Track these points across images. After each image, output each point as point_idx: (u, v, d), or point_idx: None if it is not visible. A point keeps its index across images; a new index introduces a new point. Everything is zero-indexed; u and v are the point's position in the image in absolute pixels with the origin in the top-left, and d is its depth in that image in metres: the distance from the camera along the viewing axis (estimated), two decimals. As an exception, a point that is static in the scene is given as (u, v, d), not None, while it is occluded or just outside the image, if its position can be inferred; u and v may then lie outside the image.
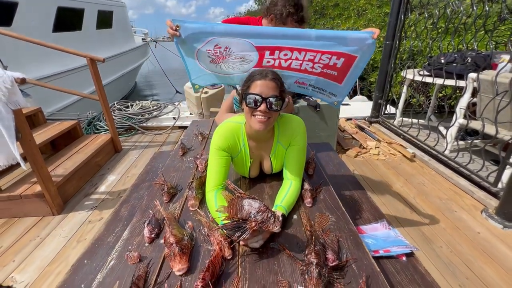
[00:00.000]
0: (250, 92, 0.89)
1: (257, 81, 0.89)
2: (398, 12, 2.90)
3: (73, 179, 2.31)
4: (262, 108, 0.88)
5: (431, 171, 2.47)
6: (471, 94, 2.28)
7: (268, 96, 0.88)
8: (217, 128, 1.04)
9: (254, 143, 1.05)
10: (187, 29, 1.13)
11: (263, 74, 0.90)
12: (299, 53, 1.22)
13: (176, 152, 1.52)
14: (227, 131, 1.01)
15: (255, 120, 0.91)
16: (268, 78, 0.89)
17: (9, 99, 1.63)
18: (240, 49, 1.19)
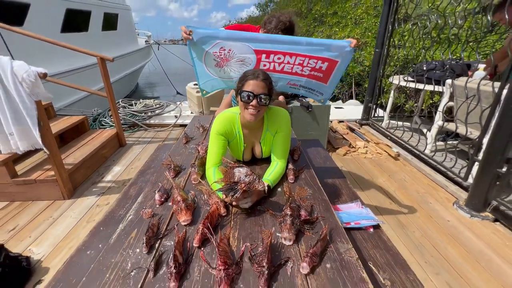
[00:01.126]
0: (244, 90, 1.10)
1: (250, 80, 1.10)
2: (387, 22, 3.14)
3: (82, 168, 2.50)
4: (253, 103, 1.09)
5: (412, 168, 2.68)
6: (448, 98, 2.50)
7: (259, 93, 1.09)
8: (217, 116, 1.24)
9: (247, 131, 1.25)
10: (198, 34, 1.36)
11: (255, 75, 1.11)
12: (290, 57, 1.44)
13: (180, 141, 1.72)
14: (225, 119, 1.22)
15: (247, 112, 1.12)
16: (259, 78, 1.10)
17: (32, 91, 1.83)
18: (241, 51, 1.42)
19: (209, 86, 1.72)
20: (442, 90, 2.56)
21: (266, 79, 1.12)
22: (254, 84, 1.09)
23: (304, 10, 12.55)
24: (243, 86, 1.12)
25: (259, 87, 1.10)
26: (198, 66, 1.53)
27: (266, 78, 1.12)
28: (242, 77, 1.15)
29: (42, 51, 4.91)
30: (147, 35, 12.35)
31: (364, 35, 7.93)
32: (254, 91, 1.09)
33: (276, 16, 1.63)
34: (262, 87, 1.10)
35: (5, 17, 4.20)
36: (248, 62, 1.47)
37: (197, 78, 1.66)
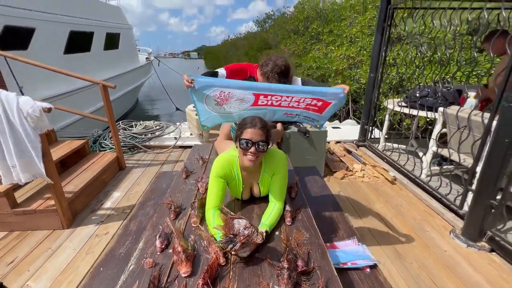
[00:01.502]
0: (242, 138, 1.16)
1: (248, 128, 1.16)
2: (380, 49, 3.27)
3: (82, 195, 2.52)
4: (252, 150, 1.15)
5: (409, 193, 2.71)
6: (441, 125, 2.57)
7: (257, 141, 1.15)
8: (217, 158, 1.29)
9: (246, 173, 1.30)
10: (199, 82, 1.43)
11: (253, 123, 1.17)
12: (287, 97, 1.52)
13: (180, 175, 1.76)
14: (224, 162, 1.27)
15: (246, 158, 1.17)
16: (257, 126, 1.16)
17: (37, 125, 1.89)
18: (240, 93, 1.50)
19: (209, 122, 1.79)
20: (435, 116, 2.63)
21: (264, 127, 1.18)
22: (252, 132, 1.15)
23: (301, 28, 12.93)
24: (241, 133, 1.17)
25: (257, 135, 1.15)
26: (199, 106, 1.60)
27: (263, 126, 1.18)
28: (240, 125, 1.21)
29: (45, 72, 5.02)
30: (148, 52, 12.61)
31: (359, 53, 8.15)
32: (252, 139, 1.14)
33: (272, 60, 1.71)
34: (260, 134, 1.16)
35: (10, 42, 4.34)
36: (246, 100, 1.54)
37: (198, 115, 1.73)
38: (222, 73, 1.81)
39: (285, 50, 12.43)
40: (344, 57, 8.29)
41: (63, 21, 5.54)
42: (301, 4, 13.92)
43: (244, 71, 1.92)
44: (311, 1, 13.17)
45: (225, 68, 1.85)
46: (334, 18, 11.49)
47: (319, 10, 12.51)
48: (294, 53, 11.90)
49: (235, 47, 26.87)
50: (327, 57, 9.19)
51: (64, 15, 5.56)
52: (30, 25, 4.65)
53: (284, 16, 17.84)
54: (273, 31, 16.03)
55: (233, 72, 1.86)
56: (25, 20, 4.57)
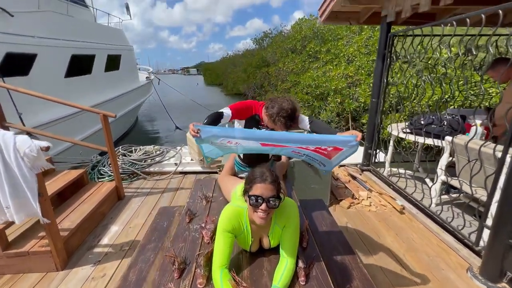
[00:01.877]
0: (252, 194, 1.09)
1: (258, 184, 1.09)
2: (381, 76, 3.27)
3: (78, 232, 2.40)
4: (263, 208, 1.07)
5: (419, 224, 2.62)
6: (449, 154, 2.52)
7: (267, 197, 1.08)
8: (224, 210, 1.21)
9: (255, 226, 1.22)
10: (205, 132, 1.39)
11: (263, 177, 1.10)
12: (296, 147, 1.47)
13: (182, 216, 1.67)
14: (232, 215, 1.19)
15: (257, 215, 1.09)
16: (267, 181, 1.09)
17: (34, 165, 1.81)
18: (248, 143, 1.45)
19: (213, 154, 1.74)
20: (442, 145, 2.58)
21: (275, 181, 1.11)
22: (262, 187, 1.08)
23: (298, 47, 13.22)
24: (251, 188, 1.10)
25: (267, 190, 1.08)
26: (203, 145, 1.55)
27: (274, 180, 1.11)
28: (249, 179, 1.14)
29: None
30: (148, 71, 12.75)
31: (357, 72, 8.28)
32: (263, 195, 1.07)
33: (278, 102, 1.68)
34: (271, 189, 1.09)
35: (11, 68, 4.34)
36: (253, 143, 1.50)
37: (202, 150, 1.67)
38: (228, 114, 1.77)
39: (283, 68, 12.64)
40: (343, 76, 8.41)
41: (65, 46, 5.60)
42: (298, 24, 14.32)
43: (249, 109, 1.88)
44: (308, 22, 13.54)
45: (230, 108, 1.80)
46: (331, 37, 11.78)
47: (316, 30, 12.85)
48: (292, 71, 12.09)
49: (234, 64, 27.38)
50: (325, 75, 9.32)
51: (66, 40, 5.63)
52: (32, 51, 4.68)
53: (281, 34, 18.31)
54: (271, 50, 16.37)
55: (238, 112, 1.82)
56: (27, 47, 4.60)
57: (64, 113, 5.22)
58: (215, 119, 1.70)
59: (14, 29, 4.35)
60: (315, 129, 1.77)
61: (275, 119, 1.66)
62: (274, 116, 1.65)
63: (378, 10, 3.38)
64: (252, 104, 1.89)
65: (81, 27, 6.39)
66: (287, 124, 1.67)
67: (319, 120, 1.85)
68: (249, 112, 1.88)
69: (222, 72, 32.69)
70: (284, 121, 1.65)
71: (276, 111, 1.64)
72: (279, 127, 1.70)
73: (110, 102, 7.13)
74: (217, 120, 1.70)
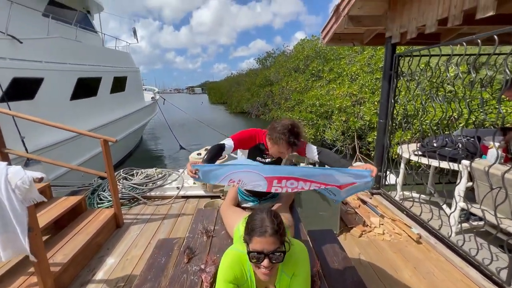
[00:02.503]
0: (252, 250, 0.96)
1: (257, 237, 0.96)
2: (388, 96, 3.19)
3: (71, 266, 2.25)
4: (265, 264, 0.94)
5: (439, 256, 2.40)
6: (467, 179, 2.36)
7: (269, 251, 0.94)
8: (224, 256, 1.07)
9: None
10: (204, 173, 1.30)
11: (263, 230, 0.96)
12: (304, 183, 1.34)
13: (181, 257, 1.52)
14: (234, 262, 1.05)
15: (260, 272, 0.96)
16: (267, 233, 0.95)
17: (25, 197, 1.71)
18: (251, 179, 1.33)
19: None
20: (459, 169, 2.43)
21: (277, 231, 0.97)
22: (262, 241, 0.95)
23: (301, 66, 13.42)
24: (250, 241, 0.97)
25: (269, 244, 0.95)
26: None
27: (276, 230, 0.97)
28: (248, 230, 1.01)
29: (50, 120, 5.02)
30: (154, 91, 12.96)
31: (361, 90, 8.27)
32: (264, 250, 0.94)
33: (279, 123, 1.62)
34: (273, 242, 0.95)
35: (17, 93, 4.39)
36: (258, 186, 1.38)
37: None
38: (230, 145, 1.67)
39: (286, 87, 12.76)
40: (347, 94, 8.39)
41: (72, 70, 5.71)
42: (300, 44, 14.65)
43: (253, 139, 1.78)
44: (310, 42, 13.84)
45: (232, 138, 1.70)
46: (333, 57, 11.95)
47: (318, 50, 13.09)
48: (295, 90, 12.18)
49: (237, 83, 27.90)
50: (329, 94, 9.32)
51: (73, 64, 5.75)
52: (38, 75, 4.76)
53: (284, 54, 18.72)
54: (274, 69, 16.67)
55: (241, 142, 1.73)
56: (34, 71, 4.68)
57: (68, 135, 5.22)
58: (217, 153, 1.58)
59: (22, 55, 4.45)
60: (324, 160, 1.65)
61: (277, 137, 1.57)
62: (277, 134, 1.57)
63: (382, 31, 3.37)
64: (255, 132, 1.80)
65: (88, 51, 6.56)
66: (290, 140, 1.56)
67: (328, 151, 1.71)
68: (253, 142, 1.78)
69: (227, 91, 33.28)
70: (287, 137, 1.55)
71: (278, 129, 1.57)
72: (282, 146, 1.58)
73: (114, 123, 7.17)
74: (218, 153, 1.59)
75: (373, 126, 7.49)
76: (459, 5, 2.05)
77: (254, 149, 1.80)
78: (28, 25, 5.31)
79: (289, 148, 1.59)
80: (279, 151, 1.65)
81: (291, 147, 1.59)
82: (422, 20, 2.49)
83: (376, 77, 8.44)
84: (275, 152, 1.70)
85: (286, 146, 1.57)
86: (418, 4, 2.54)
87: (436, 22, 2.33)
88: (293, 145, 1.58)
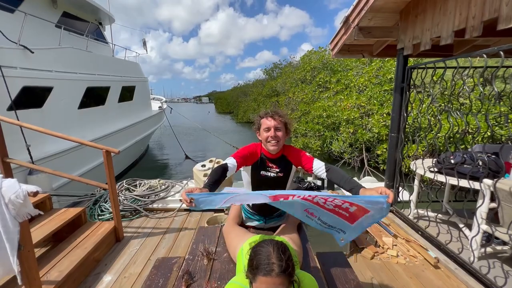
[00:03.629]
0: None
1: (262, 276, 0.84)
2: (400, 109, 3.06)
3: (65, 285, 2.13)
4: None
5: (460, 284, 2.20)
6: (489, 200, 2.18)
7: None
8: (226, 289, 0.95)
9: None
10: (199, 201, 1.23)
11: (269, 269, 0.85)
12: (311, 198, 1.22)
13: (179, 283, 1.40)
14: (236, 297, 0.92)
15: None
16: (274, 273, 0.84)
17: (18, 212, 1.63)
18: (256, 199, 1.23)
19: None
20: (480, 188, 2.25)
21: (285, 270, 0.85)
22: (268, 282, 0.83)
23: (308, 78, 13.40)
24: (254, 280, 0.85)
25: (275, 285, 0.83)
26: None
27: (284, 269, 0.85)
28: (251, 267, 0.89)
29: (57, 128, 5.05)
30: (161, 101, 13.08)
31: (369, 102, 8.12)
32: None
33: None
34: (280, 283, 0.84)
35: (26, 101, 4.42)
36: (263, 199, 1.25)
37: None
38: (233, 164, 1.58)
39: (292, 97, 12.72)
40: (355, 106, 8.26)
41: (81, 79, 5.78)
42: (307, 56, 14.70)
43: (254, 153, 1.72)
44: (317, 54, 13.88)
45: (234, 157, 1.62)
46: (341, 68, 11.90)
47: (325, 61, 13.09)
48: (302, 101, 12.11)
49: (244, 94, 28.09)
50: (336, 105, 9.21)
51: (82, 73, 5.82)
52: (48, 84, 4.81)
53: (291, 65, 18.81)
54: (281, 80, 16.71)
55: (243, 158, 1.65)
56: (44, 81, 4.73)
57: (75, 143, 5.20)
58: (221, 175, 1.47)
59: (33, 64, 4.51)
60: (333, 178, 1.53)
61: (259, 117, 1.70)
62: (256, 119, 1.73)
63: (393, 43, 3.28)
64: (255, 145, 1.75)
65: (98, 61, 6.66)
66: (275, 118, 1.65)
67: (337, 168, 1.59)
68: (255, 156, 1.71)
69: (233, 101, 33.54)
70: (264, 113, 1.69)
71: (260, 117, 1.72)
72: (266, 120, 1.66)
73: (121, 132, 7.18)
74: (222, 175, 1.48)
75: (381, 138, 7.30)
76: (478, 16, 1.94)
77: (256, 164, 1.71)
78: (41, 35, 5.43)
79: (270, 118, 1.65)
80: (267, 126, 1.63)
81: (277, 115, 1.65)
82: (437, 31, 2.39)
83: (384, 88, 8.31)
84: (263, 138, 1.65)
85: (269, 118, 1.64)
86: (432, 15, 2.44)
87: (453, 34, 2.23)
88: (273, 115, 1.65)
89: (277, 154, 1.71)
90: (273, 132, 1.61)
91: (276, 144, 1.62)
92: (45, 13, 5.68)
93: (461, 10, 2.11)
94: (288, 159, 1.73)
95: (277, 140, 1.61)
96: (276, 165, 1.71)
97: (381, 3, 2.68)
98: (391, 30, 3.02)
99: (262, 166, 1.72)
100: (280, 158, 1.72)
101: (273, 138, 1.61)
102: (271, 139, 1.62)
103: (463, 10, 2.09)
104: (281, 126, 1.64)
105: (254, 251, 0.91)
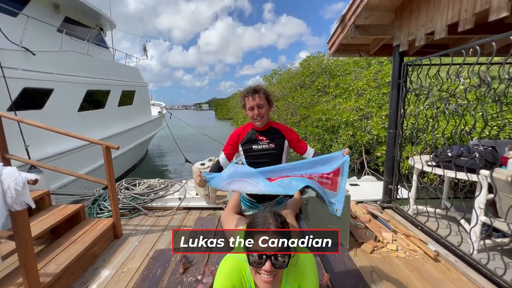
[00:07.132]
0: (252, 250, 0.84)
1: (258, 235, 0.84)
2: (397, 105, 3.10)
3: (63, 277, 2.12)
4: (266, 268, 0.81)
5: (461, 276, 2.18)
6: (487, 191, 2.19)
7: (272, 253, 0.82)
8: (222, 263, 0.95)
9: (262, 285, 0.94)
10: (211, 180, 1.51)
11: (266, 223, 0.86)
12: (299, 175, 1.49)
13: (176, 266, 1.40)
14: (232, 270, 0.93)
15: (260, 279, 0.83)
16: (270, 231, 0.84)
17: (15, 200, 1.63)
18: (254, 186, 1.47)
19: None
20: (478, 179, 2.26)
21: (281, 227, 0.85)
22: (265, 240, 0.83)
23: (307, 82, 13.51)
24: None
25: (272, 243, 0.83)
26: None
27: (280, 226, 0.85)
28: (249, 225, 0.89)
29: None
30: (161, 106, 13.16)
31: (368, 105, 8.18)
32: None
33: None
34: (277, 242, 0.83)
35: (26, 102, 4.46)
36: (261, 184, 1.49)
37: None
38: (223, 157, 1.84)
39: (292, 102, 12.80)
40: (354, 108, 8.32)
41: (81, 82, 5.84)
42: (306, 61, 14.85)
43: (240, 133, 1.87)
44: (316, 59, 14.03)
45: (223, 151, 1.86)
46: (339, 72, 12.02)
47: (324, 66, 13.22)
48: (301, 105, 12.19)
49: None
50: (335, 108, 9.27)
51: (83, 77, 5.88)
52: (48, 86, 4.86)
53: (289, 71, 18.96)
54: (280, 86, 16.83)
55: (232, 146, 1.85)
56: (44, 82, 4.78)
57: (74, 145, 5.23)
58: (217, 170, 1.72)
59: (34, 66, 4.56)
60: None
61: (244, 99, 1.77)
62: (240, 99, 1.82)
63: (389, 42, 3.34)
64: (244, 126, 1.90)
65: (99, 65, 6.73)
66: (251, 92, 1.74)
67: (320, 153, 1.82)
68: (244, 133, 1.85)
69: (233, 107, 33.69)
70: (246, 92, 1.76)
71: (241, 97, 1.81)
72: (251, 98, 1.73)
73: (120, 136, 7.21)
74: (219, 170, 1.71)
75: (381, 140, 7.33)
76: (470, 8, 2.00)
77: (247, 141, 1.83)
78: (43, 39, 5.51)
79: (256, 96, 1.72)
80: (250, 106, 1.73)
81: (256, 94, 1.72)
82: (431, 26, 2.45)
83: (383, 91, 8.38)
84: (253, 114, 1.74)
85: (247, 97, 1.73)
86: (426, 10, 2.50)
87: (446, 28, 2.28)
88: (253, 94, 1.71)
89: (265, 126, 1.83)
90: (257, 110, 1.73)
91: (261, 119, 1.75)
92: (48, 17, 5.78)
93: (453, 4, 2.16)
94: (277, 129, 1.85)
95: (261, 116, 1.74)
96: (266, 137, 1.82)
97: (377, 1, 2.74)
98: (387, 28, 3.08)
99: (253, 140, 1.83)
100: (268, 130, 1.84)
101: (258, 115, 1.74)
102: (256, 116, 1.74)
103: (455, 4, 2.14)
104: (264, 102, 1.74)
105: (252, 217, 0.92)
